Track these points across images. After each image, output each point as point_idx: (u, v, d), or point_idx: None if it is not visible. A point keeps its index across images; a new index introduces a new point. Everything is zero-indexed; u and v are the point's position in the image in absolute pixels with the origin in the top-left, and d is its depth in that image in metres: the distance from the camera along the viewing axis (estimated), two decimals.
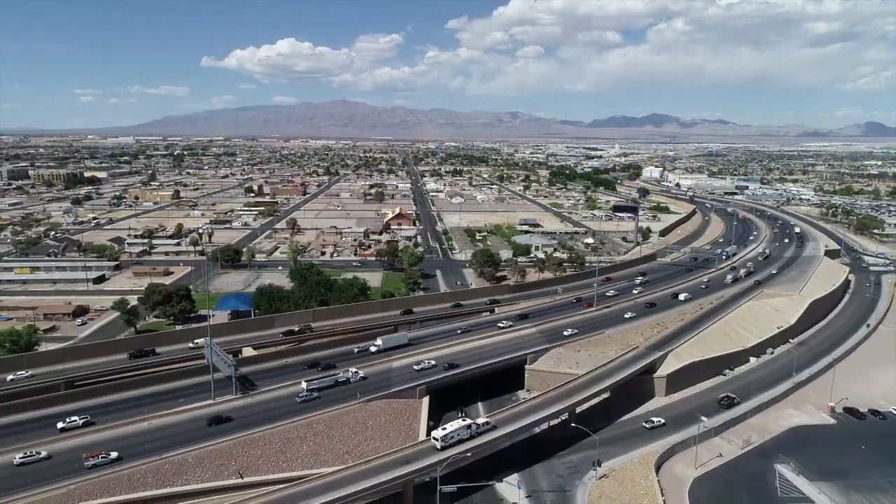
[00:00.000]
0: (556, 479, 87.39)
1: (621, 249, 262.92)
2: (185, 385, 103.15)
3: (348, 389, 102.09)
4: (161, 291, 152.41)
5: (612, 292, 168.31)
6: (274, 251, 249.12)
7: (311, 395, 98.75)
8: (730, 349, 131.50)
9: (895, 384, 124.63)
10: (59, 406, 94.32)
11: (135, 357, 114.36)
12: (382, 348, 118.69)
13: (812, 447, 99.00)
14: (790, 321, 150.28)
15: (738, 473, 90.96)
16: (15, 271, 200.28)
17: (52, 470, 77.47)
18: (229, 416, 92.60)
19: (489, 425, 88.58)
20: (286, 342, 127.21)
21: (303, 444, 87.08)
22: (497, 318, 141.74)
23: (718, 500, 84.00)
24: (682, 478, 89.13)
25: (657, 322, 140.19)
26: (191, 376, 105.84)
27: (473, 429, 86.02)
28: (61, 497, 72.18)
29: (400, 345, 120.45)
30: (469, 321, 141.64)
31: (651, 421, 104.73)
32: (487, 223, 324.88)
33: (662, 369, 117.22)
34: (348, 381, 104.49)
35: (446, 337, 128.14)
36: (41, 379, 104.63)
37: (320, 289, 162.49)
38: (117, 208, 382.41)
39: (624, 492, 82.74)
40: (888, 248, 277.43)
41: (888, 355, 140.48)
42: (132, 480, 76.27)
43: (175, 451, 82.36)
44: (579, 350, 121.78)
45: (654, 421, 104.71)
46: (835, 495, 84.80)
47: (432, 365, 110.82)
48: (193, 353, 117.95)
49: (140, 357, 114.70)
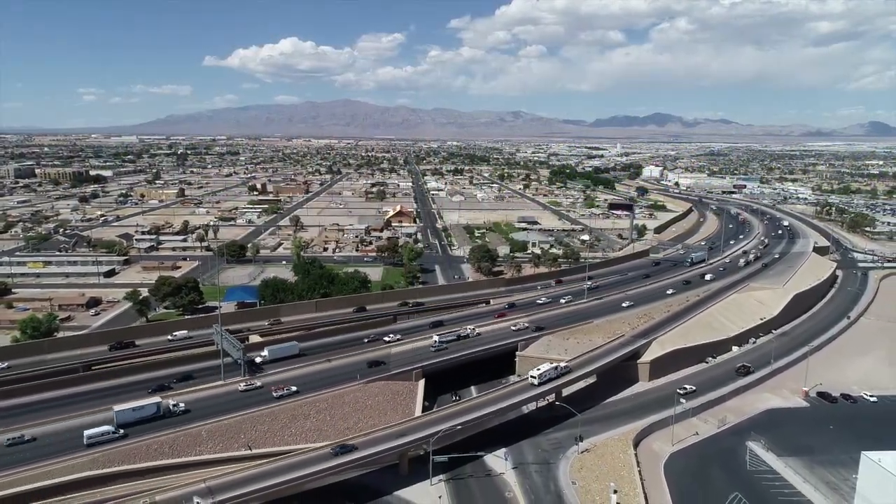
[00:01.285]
0: (541, 454, 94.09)
1: (616, 246, 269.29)
2: (196, 368, 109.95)
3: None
4: (171, 283, 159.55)
5: (543, 299, 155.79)
6: (278, 247, 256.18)
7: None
8: (713, 338, 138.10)
9: (868, 371, 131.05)
10: (82, 386, 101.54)
11: (115, 349, 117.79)
12: (269, 359, 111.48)
13: (784, 427, 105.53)
14: (773, 313, 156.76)
15: (712, 450, 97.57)
16: (28, 265, 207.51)
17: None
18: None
19: (567, 368, 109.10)
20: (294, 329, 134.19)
21: (307, 421, 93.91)
22: (492, 310, 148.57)
23: (691, 472, 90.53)
24: (659, 453, 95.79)
25: (644, 313, 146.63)
26: (202, 360, 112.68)
27: (560, 369, 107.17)
28: (87, 464, 79.09)
29: (289, 355, 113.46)
30: (467, 312, 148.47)
31: (684, 388, 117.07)
32: (486, 221, 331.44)
33: (646, 356, 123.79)
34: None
35: (443, 326, 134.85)
36: (64, 362, 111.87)
37: (323, 282, 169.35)
38: (123, 206, 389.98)
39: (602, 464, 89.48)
40: (878, 246, 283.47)
41: (864, 345, 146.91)
42: (150, 451, 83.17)
43: (190, 425, 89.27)
44: (568, 338, 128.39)
45: (687, 388, 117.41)
46: (799, 468, 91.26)
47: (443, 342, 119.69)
48: (172, 344, 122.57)
49: (120, 349, 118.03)
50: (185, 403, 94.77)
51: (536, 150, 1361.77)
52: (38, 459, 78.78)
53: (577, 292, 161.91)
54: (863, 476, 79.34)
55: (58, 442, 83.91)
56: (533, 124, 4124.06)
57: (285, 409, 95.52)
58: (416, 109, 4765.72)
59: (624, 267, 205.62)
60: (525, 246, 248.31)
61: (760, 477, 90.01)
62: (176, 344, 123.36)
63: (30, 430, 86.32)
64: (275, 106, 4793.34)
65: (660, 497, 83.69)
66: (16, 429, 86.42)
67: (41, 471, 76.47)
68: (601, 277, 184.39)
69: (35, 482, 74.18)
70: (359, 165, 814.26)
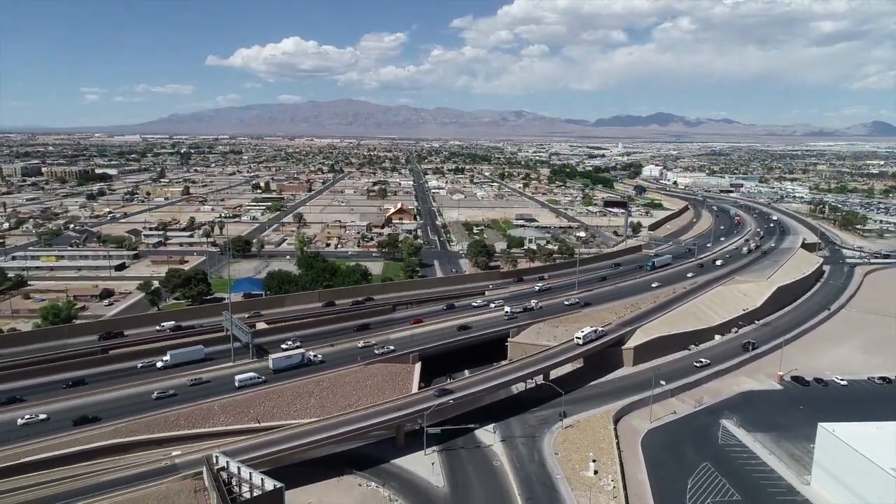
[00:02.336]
0: (527, 429, 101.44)
1: (611, 242, 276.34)
2: (209, 352, 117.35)
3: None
4: (180, 275, 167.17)
5: (478, 302, 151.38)
6: (282, 243, 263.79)
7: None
8: (696, 327, 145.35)
9: (842, 358, 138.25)
10: (103, 367, 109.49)
11: (104, 339, 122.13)
12: (171, 363, 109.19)
13: (757, 407, 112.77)
14: (756, 304, 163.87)
15: (687, 427, 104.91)
16: (42, 259, 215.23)
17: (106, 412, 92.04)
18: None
19: (604, 332, 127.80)
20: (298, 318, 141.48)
21: (311, 398, 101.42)
22: (487, 300, 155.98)
23: (666, 446, 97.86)
24: (638, 429, 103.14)
25: (632, 303, 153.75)
26: (214, 344, 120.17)
27: (598, 332, 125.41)
28: (111, 433, 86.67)
29: (194, 360, 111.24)
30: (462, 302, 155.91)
31: (700, 361, 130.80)
32: (485, 218, 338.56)
33: (631, 342, 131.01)
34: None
35: (440, 314, 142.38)
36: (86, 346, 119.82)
37: (325, 274, 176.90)
38: (130, 203, 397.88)
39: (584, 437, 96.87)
40: (868, 243, 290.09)
41: (841, 334, 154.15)
42: (168, 422, 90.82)
43: (203, 400, 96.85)
44: (557, 326, 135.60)
45: (703, 361, 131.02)
46: (767, 443, 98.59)
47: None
48: (160, 334, 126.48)
49: (109, 338, 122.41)
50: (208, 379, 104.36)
51: (538, 150, 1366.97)
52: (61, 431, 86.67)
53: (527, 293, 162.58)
54: (819, 445, 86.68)
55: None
56: (535, 124, 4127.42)
57: (290, 388, 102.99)
58: (419, 109, 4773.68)
59: (596, 266, 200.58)
60: (521, 242, 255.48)
61: (730, 450, 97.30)
62: (165, 333, 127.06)
63: (65, 403, 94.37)
64: (277, 105, 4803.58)
65: (635, 466, 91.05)
66: (56, 401, 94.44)
67: (69, 438, 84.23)
68: (563, 277, 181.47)
69: (63, 448, 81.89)
70: (361, 164, 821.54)
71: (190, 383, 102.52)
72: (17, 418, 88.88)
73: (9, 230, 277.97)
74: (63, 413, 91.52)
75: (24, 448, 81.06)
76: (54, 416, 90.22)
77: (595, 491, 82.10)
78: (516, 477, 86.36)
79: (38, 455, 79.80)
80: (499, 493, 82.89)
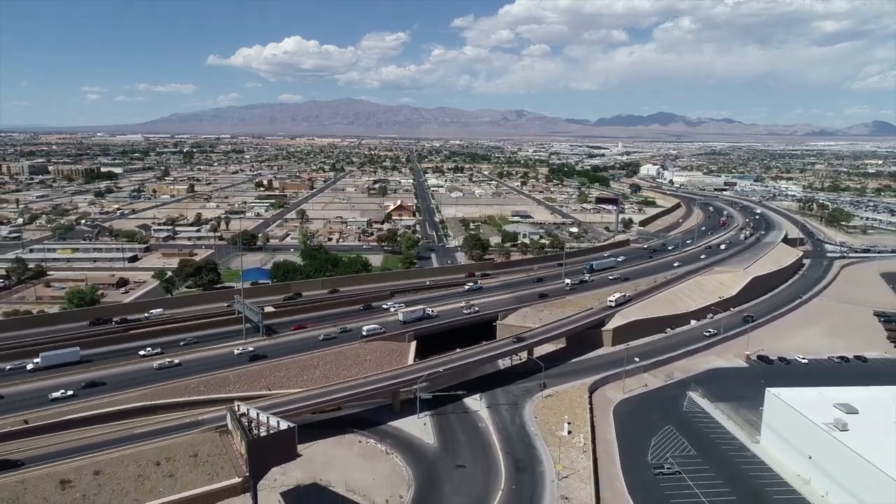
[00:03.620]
0: (511, 397, 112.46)
1: (602, 238, 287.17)
2: (225, 331, 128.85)
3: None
4: (192, 265, 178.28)
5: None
6: (285, 237, 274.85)
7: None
8: (673, 312, 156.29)
9: (807, 340, 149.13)
10: (127, 343, 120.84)
11: (94, 325, 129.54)
12: (41, 366, 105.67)
13: (722, 381, 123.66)
14: (732, 292, 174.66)
15: (656, 397, 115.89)
16: (58, 252, 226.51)
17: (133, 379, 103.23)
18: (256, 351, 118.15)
19: (629, 297, 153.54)
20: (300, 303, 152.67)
21: (315, 370, 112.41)
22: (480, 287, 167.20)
23: (635, 412, 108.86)
24: (611, 398, 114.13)
25: (615, 291, 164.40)
26: (228, 325, 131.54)
27: (626, 297, 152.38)
28: (138, 396, 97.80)
29: (69, 362, 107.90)
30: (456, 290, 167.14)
31: (709, 331, 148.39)
32: (482, 215, 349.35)
33: (610, 325, 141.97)
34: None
35: (438, 300, 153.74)
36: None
37: (328, 265, 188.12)
38: (137, 200, 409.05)
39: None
40: (851, 238, 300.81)
41: (809, 320, 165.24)
42: (188, 388, 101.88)
43: (220, 371, 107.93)
44: (542, 310, 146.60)
45: (711, 331, 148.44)
46: (726, 410, 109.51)
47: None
48: (150, 320, 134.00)
49: (99, 324, 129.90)
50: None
51: (538, 150, 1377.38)
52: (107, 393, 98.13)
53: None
54: (767, 408, 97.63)
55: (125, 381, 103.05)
56: (536, 123, 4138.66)
57: (297, 362, 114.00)
58: (419, 108, 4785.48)
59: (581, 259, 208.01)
60: (515, 237, 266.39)
61: (692, 416, 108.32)
62: (153, 319, 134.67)
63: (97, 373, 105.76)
64: (278, 105, 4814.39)
65: (605, 428, 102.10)
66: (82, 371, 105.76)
67: (107, 400, 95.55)
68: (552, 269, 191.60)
69: (100, 409, 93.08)
70: (362, 163, 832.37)
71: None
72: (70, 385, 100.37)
73: (23, 225, 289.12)
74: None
75: (68, 407, 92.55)
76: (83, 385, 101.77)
77: (567, 447, 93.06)
78: (498, 436, 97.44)
79: (78, 414, 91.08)
80: (482, 448, 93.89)
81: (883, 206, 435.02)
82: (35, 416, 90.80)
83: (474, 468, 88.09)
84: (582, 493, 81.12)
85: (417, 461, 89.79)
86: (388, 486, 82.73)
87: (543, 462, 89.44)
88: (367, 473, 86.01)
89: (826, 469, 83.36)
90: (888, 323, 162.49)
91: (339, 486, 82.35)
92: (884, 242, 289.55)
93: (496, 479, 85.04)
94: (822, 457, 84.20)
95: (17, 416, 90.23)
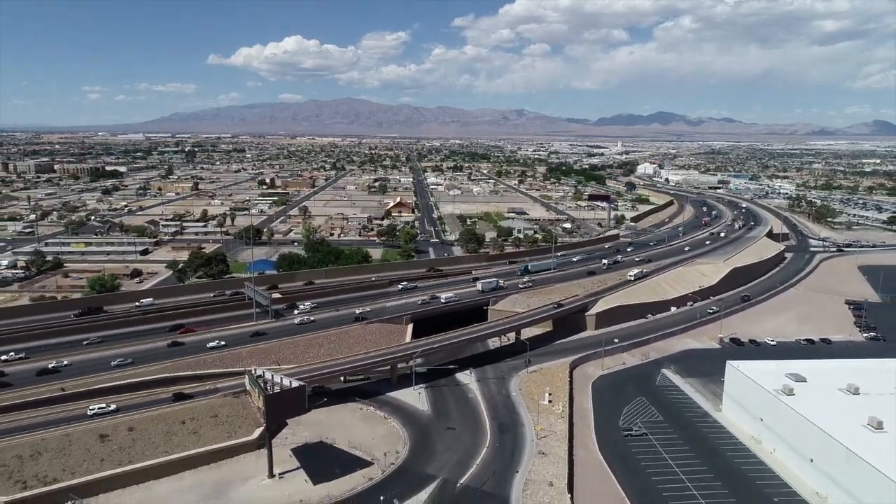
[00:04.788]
0: (499, 373, 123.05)
1: (594, 233, 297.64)
2: (238, 314, 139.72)
3: None
4: (202, 256, 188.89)
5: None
6: (289, 232, 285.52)
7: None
8: (654, 299, 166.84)
9: (779, 325, 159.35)
10: (150, 324, 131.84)
11: (83, 314, 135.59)
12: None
13: (695, 360, 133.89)
14: (712, 282, 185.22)
15: (632, 373, 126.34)
16: (72, 245, 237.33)
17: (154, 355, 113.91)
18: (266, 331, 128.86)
19: (648, 272, 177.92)
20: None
21: (321, 348, 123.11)
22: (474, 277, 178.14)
23: (611, 386, 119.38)
24: (590, 374, 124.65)
25: (599, 280, 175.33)
26: (240, 309, 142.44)
27: (645, 272, 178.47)
28: (160, 369, 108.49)
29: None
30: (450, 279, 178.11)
31: (712, 308, 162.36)
32: (479, 211, 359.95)
33: (593, 310, 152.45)
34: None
35: (435, 287, 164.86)
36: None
37: (330, 257, 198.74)
38: (143, 198, 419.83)
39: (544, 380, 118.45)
40: (835, 234, 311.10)
41: (783, 307, 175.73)
42: (205, 363, 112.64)
43: (233, 348, 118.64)
44: (531, 297, 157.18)
45: (714, 309, 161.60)
46: (695, 384, 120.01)
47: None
48: (139, 309, 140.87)
49: (88, 314, 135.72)
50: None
51: (538, 149, 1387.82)
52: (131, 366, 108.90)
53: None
54: (727, 379, 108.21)
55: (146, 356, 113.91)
56: (536, 123, 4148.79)
57: (304, 340, 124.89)
58: (420, 108, 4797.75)
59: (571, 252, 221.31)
60: (510, 231, 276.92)
61: (664, 389, 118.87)
62: (145, 307, 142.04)
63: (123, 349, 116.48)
64: (279, 104, 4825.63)
65: (583, 399, 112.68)
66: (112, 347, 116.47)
67: (133, 372, 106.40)
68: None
69: (126, 379, 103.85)
70: (362, 162, 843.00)
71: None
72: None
73: (35, 221, 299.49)
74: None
75: (97, 378, 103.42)
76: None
77: (547, 413, 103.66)
78: (486, 404, 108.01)
79: (108, 383, 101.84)
80: (471, 414, 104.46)
81: (871, 204, 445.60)
82: (89, 381, 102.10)
83: (463, 430, 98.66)
84: (557, 450, 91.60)
85: (412, 424, 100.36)
86: (386, 444, 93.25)
87: (525, 425, 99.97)
88: (367, 434, 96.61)
89: (775, 429, 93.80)
90: (857, 310, 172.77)
91: (343, 444, 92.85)
92: (866, 238, 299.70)
93: (482, 438, 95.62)
94: (772, 419, 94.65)
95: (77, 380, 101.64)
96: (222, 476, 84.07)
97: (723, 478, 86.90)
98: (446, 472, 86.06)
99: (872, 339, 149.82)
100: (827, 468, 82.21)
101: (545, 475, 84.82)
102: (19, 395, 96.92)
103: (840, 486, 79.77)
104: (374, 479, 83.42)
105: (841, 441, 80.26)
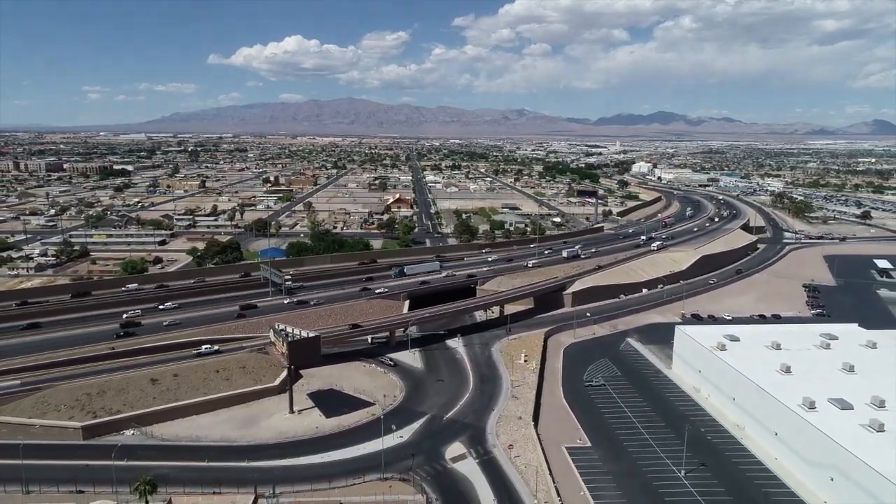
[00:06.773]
0: (483, 340, 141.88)
1: (581, 226, 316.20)
2: (256, 292, 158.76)
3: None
4: (218, 244, 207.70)
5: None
6: (295, 226, 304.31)
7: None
8: (627, 281, 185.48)
9: (738, 304, 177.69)
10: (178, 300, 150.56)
11: (75, 297, 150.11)
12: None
13: (657, 332, 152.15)
14: (682, 267, 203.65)
15: (600, 341, 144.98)
16: (95, 237, 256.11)
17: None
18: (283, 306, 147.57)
19: (664, 244, 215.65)
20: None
21: (329, 319, 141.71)
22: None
23: (580, 350, 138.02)
24: (563, 342, 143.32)
25: (577, 265, 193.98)
26: (256, 288, 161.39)
27: (663, 243, 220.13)
28: (189, 334, 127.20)
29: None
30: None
31: (712, 280, 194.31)
32: (475, 207, 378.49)
33: (571, 289, 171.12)
34: None
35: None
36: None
37: (334, 245, 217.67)
38: (153, 195, 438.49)
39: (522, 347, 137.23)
40: (811, 227, 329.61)
41: (745, 289, 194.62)
42: (230, 329, 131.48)
43: (252, 318, 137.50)
44: (515, 278, 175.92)
45: (713, 282, 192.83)
46: (654, 349, 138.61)
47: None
48: (127, 294, 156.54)
49: (79, 297, 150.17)
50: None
51: (536, 148, 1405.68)
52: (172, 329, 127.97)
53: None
54: (676, 341, 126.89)
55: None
56: (537, 122, 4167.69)
57: (314, 312, 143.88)
58: (420, 107, 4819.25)
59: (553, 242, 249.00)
60: (502, 225, 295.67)
61: (626, 353, 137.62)
62: (133, 292, 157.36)
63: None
64: (279, 104, 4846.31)
65: (555, 360, 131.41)
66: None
67: (175, 334, 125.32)
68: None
69: (173, 340, 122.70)
70: (362, 161, 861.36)
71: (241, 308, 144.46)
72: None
73: (56, 215, 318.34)
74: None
75: (143, 339, 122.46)
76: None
77: (522, 369, 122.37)
78: (471, 363, 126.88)
79: (149, 343, 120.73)
80: (457, 370, 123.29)
81: (853, 201, 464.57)
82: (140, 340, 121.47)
83: (450, 381, 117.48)
84: (528, 395, 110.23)
85: (408, 377, 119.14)
86: (386, 390, 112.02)
87: (502, 378, 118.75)
88: (370, 383, 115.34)
89: (710, 379, 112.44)
90: (812, 292, 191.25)
91: (350, 390, 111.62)
92: (839, 231, 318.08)
93: (466, 387, 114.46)
94: (707, 370, 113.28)
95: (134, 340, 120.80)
96: (251, 412, 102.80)
97: (662, 416, 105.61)
98: (435, 410, 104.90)
99: (818, 314, 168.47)
100: (744, 404, 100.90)
101: (516, 412, 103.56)
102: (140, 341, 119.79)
103: (753, 417, 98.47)
104: (376, 415, 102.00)
105: (754, 380, 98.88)
